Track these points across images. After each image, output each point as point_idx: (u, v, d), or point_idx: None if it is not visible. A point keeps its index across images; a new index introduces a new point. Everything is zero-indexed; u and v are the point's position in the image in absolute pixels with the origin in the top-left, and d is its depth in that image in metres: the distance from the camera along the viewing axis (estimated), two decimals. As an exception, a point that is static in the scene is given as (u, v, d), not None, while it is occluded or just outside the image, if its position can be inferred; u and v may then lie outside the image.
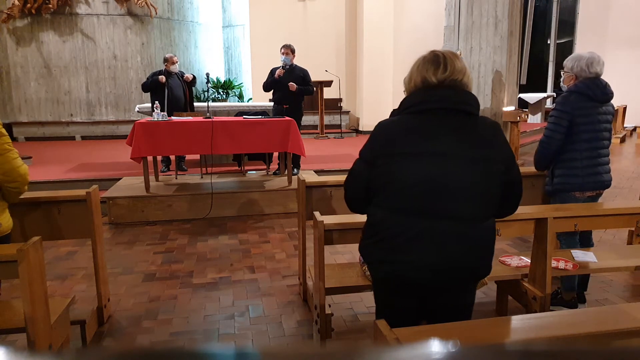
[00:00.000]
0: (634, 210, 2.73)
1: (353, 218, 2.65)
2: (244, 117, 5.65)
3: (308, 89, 6.24)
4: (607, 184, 3.04)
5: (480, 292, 3.00)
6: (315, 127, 10.46)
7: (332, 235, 2.58)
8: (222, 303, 3.25)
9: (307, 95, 6.38)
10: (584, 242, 3.22)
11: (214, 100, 11.66)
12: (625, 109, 11.68)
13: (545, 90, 13.88)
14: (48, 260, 3.93)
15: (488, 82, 7.44)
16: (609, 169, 3.06)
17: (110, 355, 0.44)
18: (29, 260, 2.07)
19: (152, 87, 6.25)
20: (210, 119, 5.32)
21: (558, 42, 14.28)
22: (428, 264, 1.64)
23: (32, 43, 10.15)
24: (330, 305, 2.77)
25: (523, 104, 11.77)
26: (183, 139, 5.26)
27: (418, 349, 0.43)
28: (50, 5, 9.87)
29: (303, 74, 6.24)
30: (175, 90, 6.37)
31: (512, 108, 7.73)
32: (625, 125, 12.05)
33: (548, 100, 12.86)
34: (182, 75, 6.49)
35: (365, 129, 11.03)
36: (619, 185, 6.56)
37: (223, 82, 12.74)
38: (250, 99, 12.08)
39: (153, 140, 5.18)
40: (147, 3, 10.20)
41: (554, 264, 2.76)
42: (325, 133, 10.21)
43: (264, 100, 8.33)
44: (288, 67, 6.14)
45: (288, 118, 5.55)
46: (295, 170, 6.09)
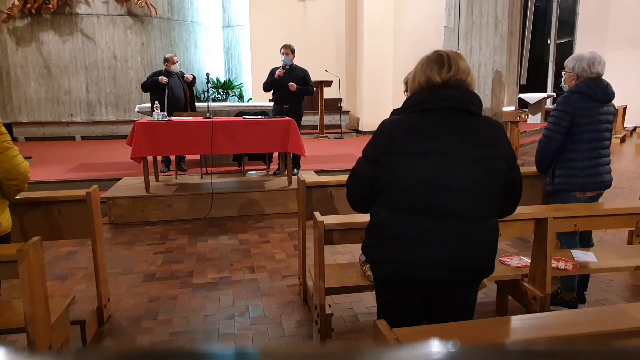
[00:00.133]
0: (634, 210, 2.73)
1: (353, 218, 2.65)
2: (244, 117, 5.65)
3: (308, 89, 6.24)
4: (607, 184, 3.04)
5: (481, 292, 2.99)
6: (315, 127, 10.46)
7: (332, 235, 2.58)
8: (222, 303, 3.25)
9: (307, 95, 6.38)
10: (584, 242, 3.22)
11: (214, 100, 11.66)
12: (625, 109, 11.68)
13: (545, 90, 13.88)
14: (48, 260, 3.93)
15: (488, 82, 7.44)
16: (610, 169, 3.06)
17: (110, 355, 0.44)
18: (29, 260, 2.07)
19: (152, 87, 6.25)
20: (210, 119, 5.32)
21: (558, 42, 14.28)
22: (431, 263, 1.64)
23: (32, 43, 10.15)
24: (330, 305, 2.77)
25: (523, 104, 11.77)
26: (183, 139, 5.26)
27: (418, 349, 0.43)
28: (50, 5, 9.87)
29: (303, 74, 6.24)
30: (176, 91, 6.37)
31: (512, 108, 7.74)
32: (625, 125, 12.05)
33: (548, 100, 12.85)
34: (182, 76, 6.49)
35: (366, 129, 11.03)
36: (619, 185, 6.56)
37: (223, 82, 12.74)
38: (250, 99, 12.08)
39: (153, 140, 5.18)
40: (147, 3, 10.21)
41: (554, 264, 2.76)
42: (325, 133, 10.21)
43: (264, 100, 8.34)
44: (288, 67, 6.14)
45: (288, 118, 5.55)
46: (295, 170, 6.09)
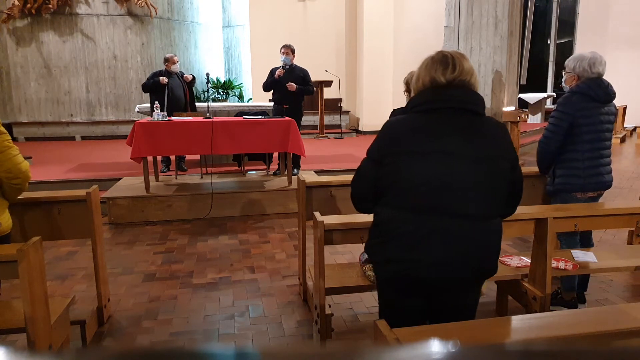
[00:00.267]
0: (634, 211, 2.73)
1: (353, 218, 2.65)
2: (244, 117, 5.65)
3: (308, 89, 6.24)
4: (608, 185, 3.03)
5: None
6: (315, 127, 10.46)
7: (332, 236, 2.58)
8: (222, 303, 3.25)
9: (307, 95, 6.38)
10: (584, 242, 3.22)
11: (214, 101, 11.66)
12: (625, 109, 11.67)
13: (545, 91, 13.88)
14: (48, 260, 3.93)
15: (488, 82, 7.44)
16: (611, 170, 3.05)
17: (110, 355, 0.44)
18: (29, 260, 2.07)
19: (152, 87, 6.25)
20: (210, 119, 5.32)
21: (558, 42, 14.28)
22: (436, 263, 1.64)
23: (32, 43, 10.15)
24: (330, 306, 2.77)
25: (523, 104, 11.76)
26: (183, 139, 5.26)
27: (418, 349, 0.43)
28: (50, 6, 9.87)
29: (303, 74, 6.24)
30: (176, 91, 6.37)
31: (512, 108, 7.74)
32: (625, 125, 12.05)
33: (548, 101, 12.85)
34: (182, 76, 6.49)
35: (366, 129, 11.03)
36: (619, 185, 6.55)
37: (223, 82, 12.74)
38: (250, 99, 12.08)
39: (153, 141, 5.18)
40: (147, 3, 10.21)
41: (554, 264, 2.76)
42: (325, 133, 10.21)
43: (264, 100, 8.34)
44: (288, 67, 6.14)
45: (288, 118, 5.55)
46: (295, 171, 6.09)
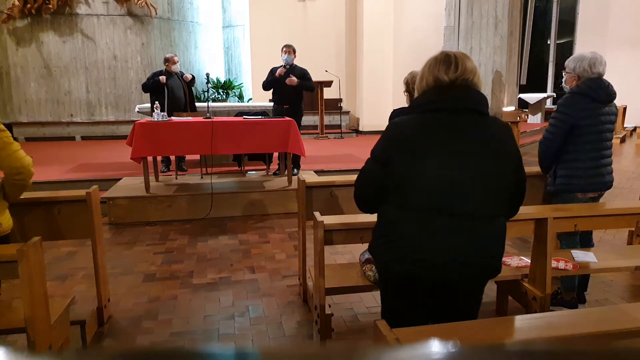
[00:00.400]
0: (634, 211, 2.73)
1: (353, 218, 2.65)
2: (244, 117, 5.65)
3: (307, 84, 6.24)
4: (609, 185, 3.03)
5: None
6: (315, 127, 10.46)
7: (332, 236, 2.58)
8: (222, 303, 3.25)
9: (307, 91, 6.38)
10: (585, 242, 3.21)
11: (214, 101, 11.66)
12: (625, 109, 11.67)
13: (545, 91, 13.88)
14: (48, 261, 3.93)
15: (488, 82, 7.44)
16: (611, 170, 3.04)
17: (110, 356, 0.44)
18: (29, 260, 2.07)
19: (152, 87, 6.25)
20: (210, 119, 5.32)
21: (558, 42, 14.28)
22: (442, 263, 1.64)
23: (32, 43, 10.15)
24: (330, 306, 2.77)
25: (523, 104, 11.76)
26: (183, 139, 5.26)
27: (418, 349, 0.43)
28: (50, 6, 9.87)
29: (303, 73, 6.25)
30: (176, 91, 6.37)
31: (512, 108, 7.74)
32: (625, 125, 12.04)
33: (548, 101, 12.86)
34: (182, 76, 6.49)
35: (366, 129, 11.03)
36: (619, 185, 6.55)
37: (223, 82, 12.74)
38: (250, 99, 12.08)
39: (153, 141, 5.18)
40: (147, 3, 10.21)
41: (554, 264, 2.75)
42: (325, 133, 10.21)
43: (264, 101, 8.34)
44: (289, 66, 6.15)
45: (288, 118, 5.55)
46: (295, 171, 6.09)
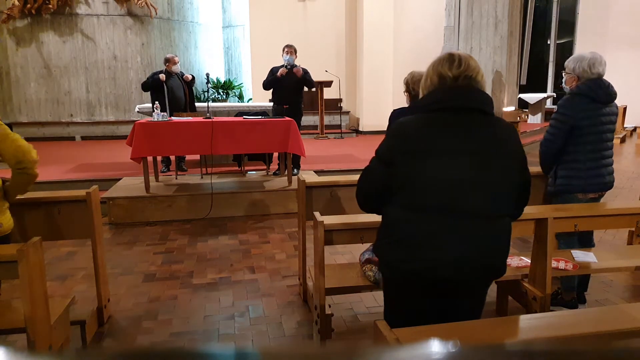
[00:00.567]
0: (634, 211, 2.73)
1: (353, 218, 2.65)
2: (244, 117, 5.65)
3: (309, 80, 6.26)
4: (609, 185, 3.02)
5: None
6: (315, 127, 10.46)
7: (332, 236, 2.58)
8: (222, 303, 3.25)
9: (308, 87, 6.37)
10: (585, 242, 3.21)
11: (214, 101, 11.66)
12: (626, 109, 11.67)
13: (545, 91, 13.89)
14: (48, 261, 3.93)
15: (488, 82, 7.45)
16: (612, 170, 3.04)
17: (110, 356, 0.44)
18: (29, 261, 2.07)
19: (153, 85, 6.24)
20: (210, 119, 5.32)
21: (558, 42, 14.28)
22: (448, 262, 1.63)
23: (32, 43, 10.15)
24: (330, 306, 2.77)
25: (523, 104, 11.78)
26: (183, 139, 5.26)
27: (418, 349, 0.43)
28: (50, 6, 9.87)
29: (303, 71, 6.26)
30: (176, 91, 6.38)
31: (512, 108, 7.74)
32: (625, 126, 12.04)
33: (548, 101, 12.88)
34: (182, 76, 6.49)
35: (366, 129, 11.03)
36: (619, 185, 6.55)
37: (223, 82, 12.74)
38: (250, 99, 12.08)
39: (153, 141, 5.18)
40: (147, 3, 10.21)
41: (554, 264, 2.75)
42: (325, 133, 10.21)
43: (264, 100, 8.34)
44: (290, 67, 6.16)
45: (288, 118, 5.55)
46: (295, 171, 6.09)
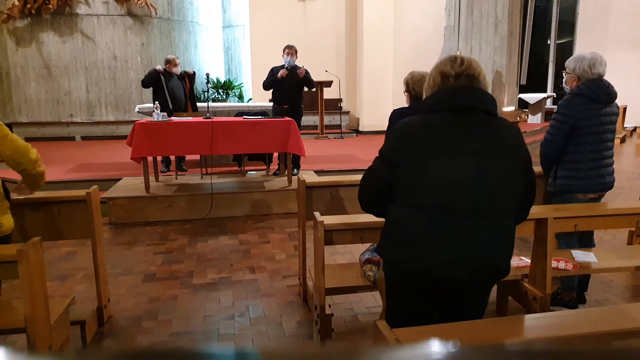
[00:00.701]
0: (634, 211, 2.73)
1: (353, 218, 2.65)
2: (244, 117, 5.65)
3: (309, 79, 6.26)
4: (610, 186, 3.02)
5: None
6: (315, 127, 10.46)
7: (332, 236, 2.58)
8: (222, 303, 3.25)
9: (308, 87, 6.37)
10: (586, 242, 3.20)
11: (214, 101, 11.66)
12: (626, 109, 11.67)
13: (545, 91, 13.88)
14: (48, 261, 3.92)
15: (488, 82, 7.46)
16: (612, 171, 3.03)
17: (110, 356, 0.44)
18: (29, 261, 2.07)
19: (150, 80, 6.21)
20: (210, 119, 5.32)
21: (558, 42, 14.28)
22: (452, 261, 1.63)
23: (32, 43, 10.15)
24: (330, 306, 2.77)
25: (523, 104, 11.77)
26: (183, 140, 5.26)
27: (418, 349, 0.43)
28: (50, 6, 9.87)
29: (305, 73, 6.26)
30: (176, 91, 6.38)
31: (512, 108, 7.75)
32: (625, 126, 12.03)
33: (548, 101, 12.87)
34: (183, 77, 6.49)
35: (366, 129, 11.03)
36: (619, 185, 6.55)
37: (223, 82, 12.74)
38: (250, 99, 12.08)
39: (153, 141, 5.18)
40: (147, 3, 10.21)
41: (554, 264, 2.75)
42: (325, 133, 10.20)
43: (264, 101, 8.34)
44: (290, 68, 6.15)
45: (288, 118, 5.55)
46: (295, 171, 6.09)
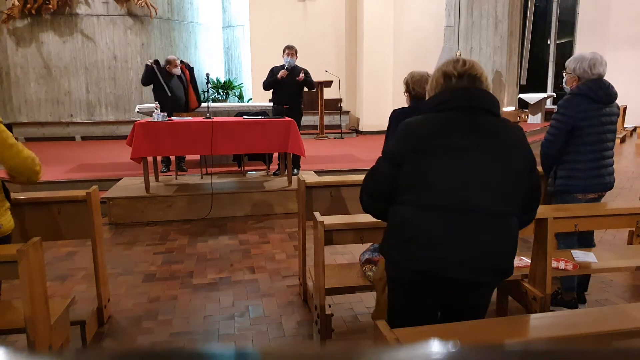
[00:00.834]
0: (634, 211, 2.73)
1: (353, 218, 2.65)
2: (244, 117, 5.65)
3: (309, 80, 6.27)
4: (610, 186, 3.02)
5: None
6: (315, 127, 10.46)
7: (332, 236, 2.58)
8: (222, 303, 3.25)
9: (309, 88, 6.38)
10: (586, 242, 3.20)
11: (214, 101, 11.65)
12: (626, 109, 11.67)
13: (545, 91, 13.87)
14: (48, 261, 3.92)
15: (489, 83, 7.45)
16: (613, 171, 3.03)
17: (110, 356, 0.44)
18: (29, 261, 2.07)
19: (148, 77, 6.21)
20: (210, 120, 5.32)
21: (558, 42, 14.28)
22: (459, 260, 1.63)
23: (32, 43, 10.15)
24: (330, 306, 2.77)
25: (523, 104, 11.76)
26: (183, 140, 5.26)
27: (418, 349, 0.43)
28: (50, 6, 9.87)
29: (304, 73, 6.26)
30: (176, 91, 6.38)
31: (512, 108, 7.74)
32: (625, 126, 12.03)
33: (548, 101, 12.86)
34: (183, 73, 6.50)
35: (366, 129, 11.03)
36: (619, 185, 6.55)
37: (223, 82, 12.74)
38: (250, 99, 12.08)
39: (153, 141, 5.18)
40: (147, 3, 10.21)
41: (554, 265, 2.75)
42: (325, 133, 10.21)
43: (264, 101, 8.33)
44: (291, 68, 6.16)
45: (288, 118, 5.55)
46: (295, 171, 6.09)
